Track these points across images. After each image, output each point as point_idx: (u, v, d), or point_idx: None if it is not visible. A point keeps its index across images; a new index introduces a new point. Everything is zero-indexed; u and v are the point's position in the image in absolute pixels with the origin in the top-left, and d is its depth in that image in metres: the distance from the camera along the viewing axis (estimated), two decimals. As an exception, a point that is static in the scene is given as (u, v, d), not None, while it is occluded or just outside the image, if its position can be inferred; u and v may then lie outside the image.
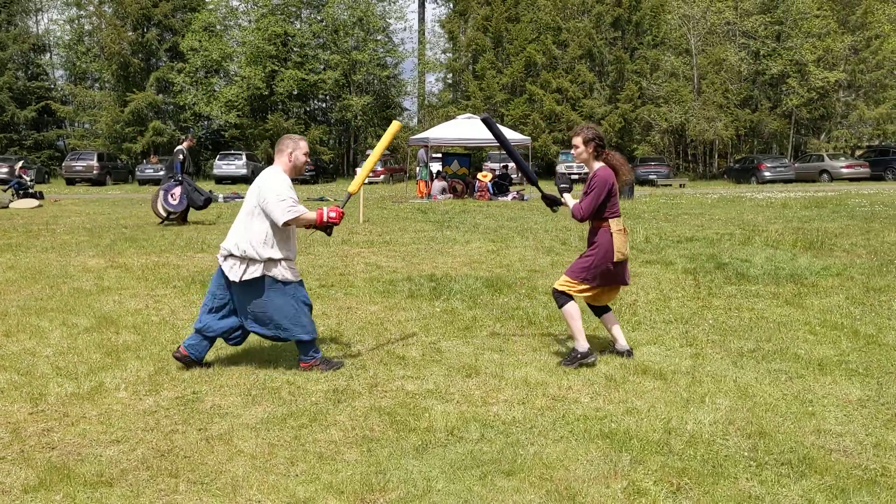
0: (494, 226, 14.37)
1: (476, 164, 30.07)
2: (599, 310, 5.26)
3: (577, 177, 33.82)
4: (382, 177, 36.00)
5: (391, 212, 18.06)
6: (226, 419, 4.06)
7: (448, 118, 32.53)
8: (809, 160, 35.58)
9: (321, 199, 22.85)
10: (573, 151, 5.09)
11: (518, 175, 31.92)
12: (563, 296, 5.03)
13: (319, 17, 45.94)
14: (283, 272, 4.81)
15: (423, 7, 62.38)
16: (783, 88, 39.49)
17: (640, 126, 41.06)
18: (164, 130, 43.56)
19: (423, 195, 23.91)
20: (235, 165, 36.72)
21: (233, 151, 39.10)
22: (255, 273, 4.77)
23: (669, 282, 8.03)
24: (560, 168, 34.59)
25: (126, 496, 3.19)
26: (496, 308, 6.81)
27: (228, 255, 4.84)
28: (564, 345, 5.54)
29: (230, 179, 35.99)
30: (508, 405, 4.26)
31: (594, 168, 5.00)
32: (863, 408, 4.15)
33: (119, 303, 7.10)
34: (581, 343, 4.99)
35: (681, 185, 32.31)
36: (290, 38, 44.97)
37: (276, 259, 4.78)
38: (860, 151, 39.00)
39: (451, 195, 23.38)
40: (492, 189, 23.37)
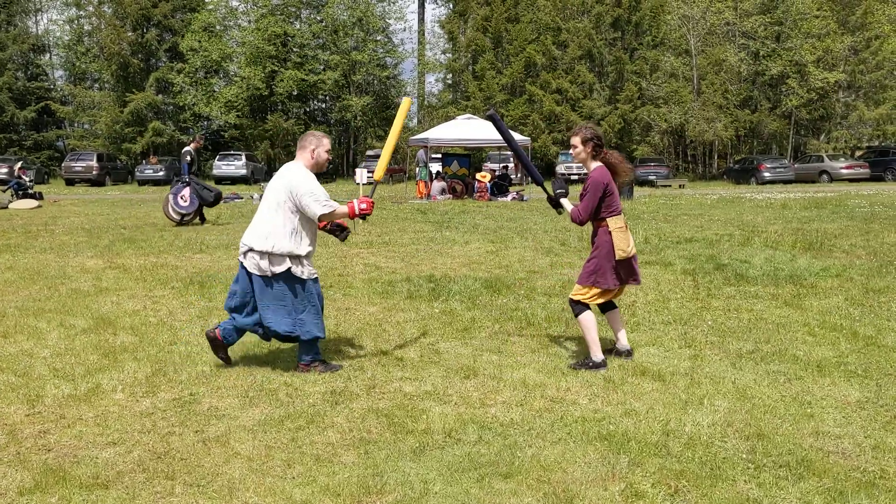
0: (494, 226, 14.36)
1: (476, 165, 30.04)
2: (604, 306, 5.22)
3: (577, 177, 33.83)
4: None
5: (390, 212, 18.05)
6: (223, 421, 4.05)
7: (448, 119, 32.52)
8: (809, 161, 35.59)
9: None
10: (571, 151, 5.08)
11: (517, 175, 31.93)
12: (579, 305, 5.00)
13: (319, 18, 45.92)
14: (305, 268, 4.83)
15: (423, 7, 62.44)
16: (783, 89, 39.48)
17: (640, 127, 41.07)
18: (164, 131, 43.56)
19: (423, 196, 23.91)
20: (235, 166, 36.70)
21: (232, 152, 39.07)
22: (279, 268, 4.76)
23: (668, 283, 8.02)
24: (560, 168, 34.60)
25: (122, 498, 3.18)
26: (495, 309, 6.80)
27: (249, 251, 4.83)
28: (563, 346, 5.53)
29: (230, 180, 35.91)
30: (506, 407, 4.25)
31: (591, 168, 4.99)
32: (861, 409, 4.14)
33: (117, 304, 7.09)
34: (596, 353, 4.94)
35: (680, 186, 32.31)
36: (290, 39, 44.95)
37: (300, 255, 4.79)
38: (860, 152, 39.02)
39: (451, 196, 23.37)
40: (490, 189, 23.36)
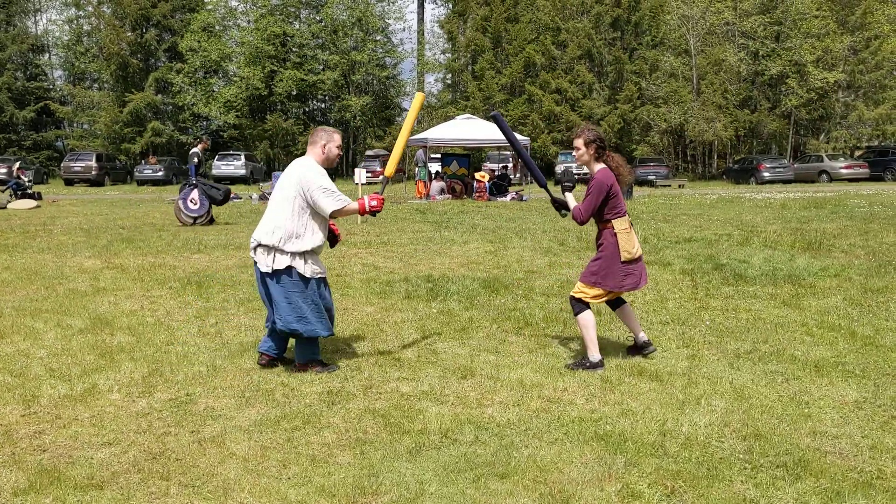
0: (493, 226, 14.35)
1: (475, 165, 30.02)
2: (614, 303, 5.20)
3: (577, 177, 33.78)
4: (381, 177, 35.87)
5: (389, 212, 18.03)
6: (219, 421, 4.04)
7: (447, 118, 32.50)
8: (808, 161, 35.58)
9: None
10: (574, 153, 5.07)
11: (516, 175, 31.93)
12: (580, 303, 4.99)
13: (318, 18, 45.90)
14: (310, 266, 4.82)
15: (423, 7, 62.37)
16: (782, 89, 39.46)
17: (640, 126, 41.04)
18: (163, 131, 43.54)
19: (422, 196, 23.90)
20: (234, 166, 36.68)
21: (232, 152, 39.05)
22: (282, 264, 4.76)
23: (667, 283, 8.01)
24: (559, 168, 34.56)
25: (116, 499, 3.17)
26: (493, 309, 6.79)
27: (258, 246, 4.84)
28: (561, 346, 5.52)
29: (229, 180, 35.84)
30: (503, 407, 4.24)
31: (594, 170, 4.98)
32: (859, 410, 4.13)
33: (114, 304, 7.08)
34: (593, 353, 4.93)
35: (680, 186, 32.30)
36: (289, 39, 44.94)
37: (306, 251, 4.79)
38: (859, 152, 39.01)
39: (450, 196, 23.36)
40: (489, 189, 23.35)
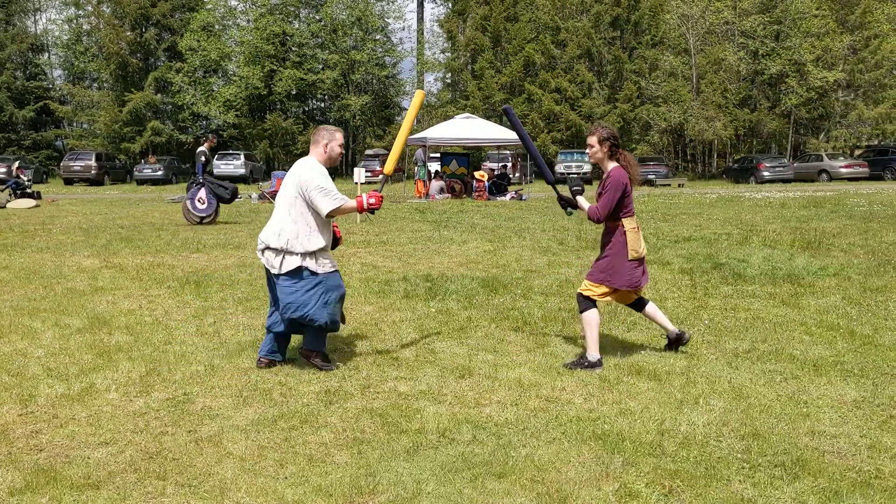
0: (492, 226, 14.34)
1: (474, 164, 29.99)
2: (638, 305, 5.19)
3: (576, 176, 33.78)
4: (380, 176, 35.84)
5: (389, 211, 18.02)
6: (216, 421, 4.03)
7: (447, 118, 32.48)
8: (808, 160, 35.57)
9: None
10: (588, 151, 5.06)
11: (516, 175, 31.91)
12: (587, 301, 4.99)
13: (318, 17, 45.87)
14: (322, 262, 4.87)
15: (422, 7, 62.37)
16: (782, 88, 39.44)
17: (639, 126, 41.02)
18: (163, 130, 43.52)
19: (422, 195, 23.89)
20: (234, 165, 36.63)
21: (231, 151, 39.02)
22: (293, 264, 4.81)
23: (666, 282, 8.00)
24: (559, 167, 34.56)
25: (112, 499, 3.16)
26: (491, 308, 6.78)
27: (266, 248, 4.88)
28: (559, 345, 5.51)
29: (228, 180, 35.83)
30: (501, 406, 4.23)
31: (608, 168, 4.99)
32: (858, 409, 4.12)
33: (112, 303, 7.07)
34: (593, 353, 4.92)
35: (679, 185, 32.29)
36: (289, 38, 44.91)
37: (315, 250, 4.83)
38: (859, 151, 39.00)
39: (450, 195, 23.35)
40: (488, 188, 23.34)
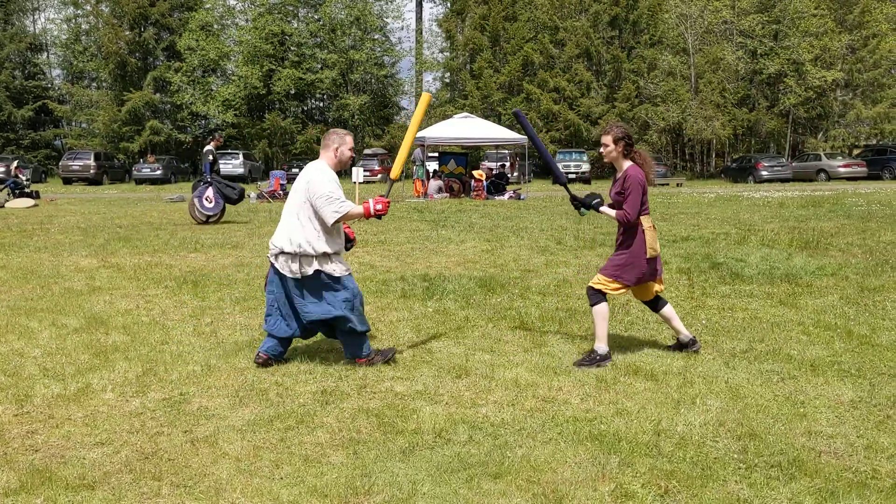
0: (490, 225, 14.34)
1: (473, 164, 29.99)
2: (655, 305, 5.23)
3: (575, 176, 33.78)
4: (379, 176, 35.88)
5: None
6: (212, 421, 4.03)
7: (445, 117, 32.47)
8: (807, 159, 35.57)
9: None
10: (602, 150, 5.06)
11: (514, 174, 31.88)
12: (598, 294, 5.02)
13: (317, 17, 45.89)
14: (337, 266, 4.87)
15: (421, 6, 62.12)
16: (780, 87, 39.46)
17: (638, 125, 40.98)
18: (162, 130, 43.50)
19: (420, 194, 23.88)
20: (232, 165, 36.60)
21: (230, 151, 39.00)
22: (309, 269, 4.82)
23: (664, 281, 7.98)
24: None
25: (108, 499, 3.15)
26: (489, 308, 6.78)
27: (280, 253, 4.87)
28: (556, 345, 5.51)
29: (227, 179, 35.80)
30: (498, 406, 4.23)
31: (624, 167, 5.00)
32: (854, 409, 4.12)
33: (110, 303, 7.06)
34: (602, 346, 4.97)
35: (678, 185, 32.28)
36: (288, 38, 44.91)
37: (329, 254, 4.84)
38: (857, 150, 39.01)
39: (448, 194, 23.34)
40: (487, 187, 23.33)
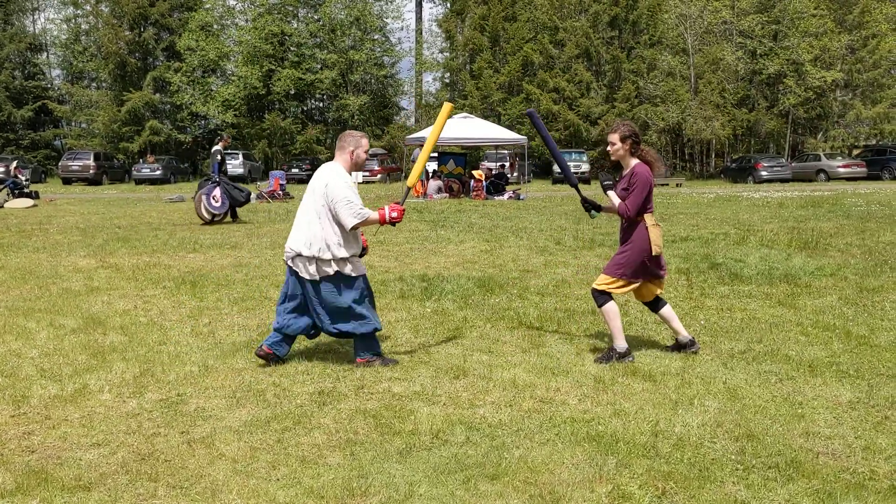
0: (489, 225, 14.33)
1: (472, 164, 29.97)
2: (655, 306, 5.23)
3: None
4: (379, 176, 35.89)
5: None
6: (209, 422, 4.02)
7: (445, 117, 32.38)
8: (806, 160, 35.56)
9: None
10: (609, 148, 5.08)
11: (514, 174, 31.86)
12: (603, 295, 5.03)
13: (316, 17, 45.87)
14: (354, 268, 4.90)
15: (421, 6, 62.44)
16: (780, 88, 39.41)
17: (637, 125, 40.98)
18: (161, 130, 43.49)
19: (419, 194, 23.87)
20: (232, 165, 36.57)
21: (230, 151, 38.93)
22: (329, 271, 4.84)
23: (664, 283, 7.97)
24: (557, 168, 34.54)
25: (104, 501, 3.15)
26: (487, 308, 6.77)
27: (297, 255, 4.88)
28: (555, 346, 5.50)
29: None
30: (495, 407, 4.22)
31: (631, 165, 5.02)
32: (853, 410, 4.11)
33: (108, 303, 7.05)
34: (619, 342, 5.00)
35: (677, 185, 32.27)
36: (287, 38, 44.89)
37: (347, 257, 4.85)
38: (857, 151, 38.98)
39: (447, 194, 23.32)
40: (486, 188, 23.31)
